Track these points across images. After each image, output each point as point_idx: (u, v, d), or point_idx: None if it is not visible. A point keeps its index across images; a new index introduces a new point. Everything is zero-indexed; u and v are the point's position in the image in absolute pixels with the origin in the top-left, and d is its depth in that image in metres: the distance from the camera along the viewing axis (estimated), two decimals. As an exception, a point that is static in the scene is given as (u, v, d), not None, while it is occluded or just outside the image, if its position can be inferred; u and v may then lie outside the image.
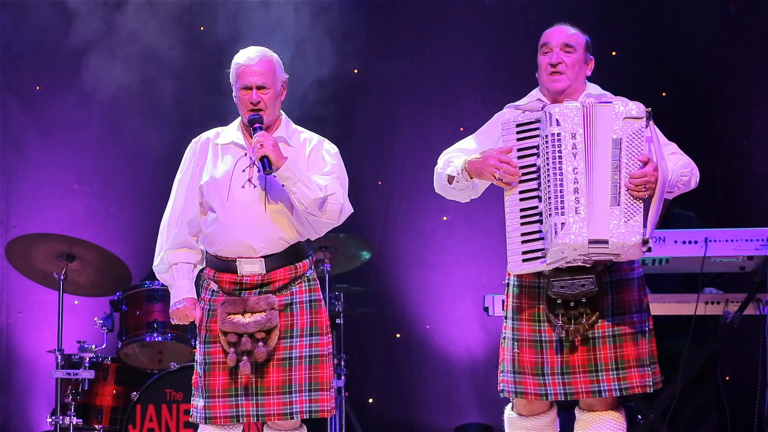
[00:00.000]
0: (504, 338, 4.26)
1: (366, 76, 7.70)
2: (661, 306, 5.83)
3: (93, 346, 6.29)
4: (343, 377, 6.67)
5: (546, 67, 4.26)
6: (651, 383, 4.19)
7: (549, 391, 4.18)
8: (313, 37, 7.65)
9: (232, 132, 4.49)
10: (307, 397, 4.36)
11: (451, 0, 7.63)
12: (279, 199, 4.38)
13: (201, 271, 4.54)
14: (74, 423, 6.20)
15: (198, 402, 4.41)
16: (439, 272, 7.60)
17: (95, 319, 6.42)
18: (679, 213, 6.29)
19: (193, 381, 4.48)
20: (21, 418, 7.42)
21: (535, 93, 4.36)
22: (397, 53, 7.69)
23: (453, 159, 4.25)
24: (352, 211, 4.46)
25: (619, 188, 4.00)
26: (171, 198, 4.53)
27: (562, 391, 4.17)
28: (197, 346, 4.47)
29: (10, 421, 7.40)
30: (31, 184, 7.53)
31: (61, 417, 6.19)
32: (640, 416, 5.90)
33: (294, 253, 4.42)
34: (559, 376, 4.17)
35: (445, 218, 7.48)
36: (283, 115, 4.51)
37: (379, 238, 7.53)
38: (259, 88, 4.37)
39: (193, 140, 4.55)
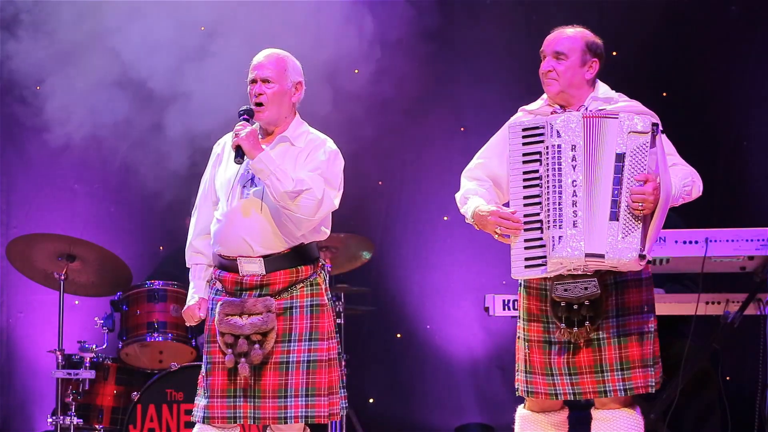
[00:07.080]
0: (518, 338, 4.33)
1: (366, 76, 7.69)
2: (660, 306, 5.82)
3: (93, 346, 6.29)
4: (343, 377, 6.65)
5: (541, 74, 4.36)
6: (653, 383, 4.22)
7: (558, 391, 4.23)
8: (314, 36, 7.65)
9: None
10: (304, 402, 4.34)
11: (452, 0, 7.63)
12: None
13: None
14: (75, 423, 6.20)
15: (200, 401, 4.40)
16: (439, 272, 7.60)
17: (96, 319, 6.42)
18: None
19: (198, 380, 4.47)
20: (21, 418, 7.42)
21: (545, 96, 4.42)
22: (397, 53, 7.68)
23: (469, 196, 4.33)
24: (336, 207, 4.43)
25: (619, 204, 4.05)
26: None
27: (571, 391, 4.23)
28: (204, 346, 4.49)
29: (11, 421, 7.40)
30: (31, 184, 7.52)
31: (61, 417, 6.19)
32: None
33: (297, 256, 4.40)
34: (567, 377, 4.22)
35: (445, 218, 7.48)
36: (297, 117, 4.50)
37: (379, 238, 7.53)
38: (264, 81, 4.39)
39: (217, 142, 4.63)
